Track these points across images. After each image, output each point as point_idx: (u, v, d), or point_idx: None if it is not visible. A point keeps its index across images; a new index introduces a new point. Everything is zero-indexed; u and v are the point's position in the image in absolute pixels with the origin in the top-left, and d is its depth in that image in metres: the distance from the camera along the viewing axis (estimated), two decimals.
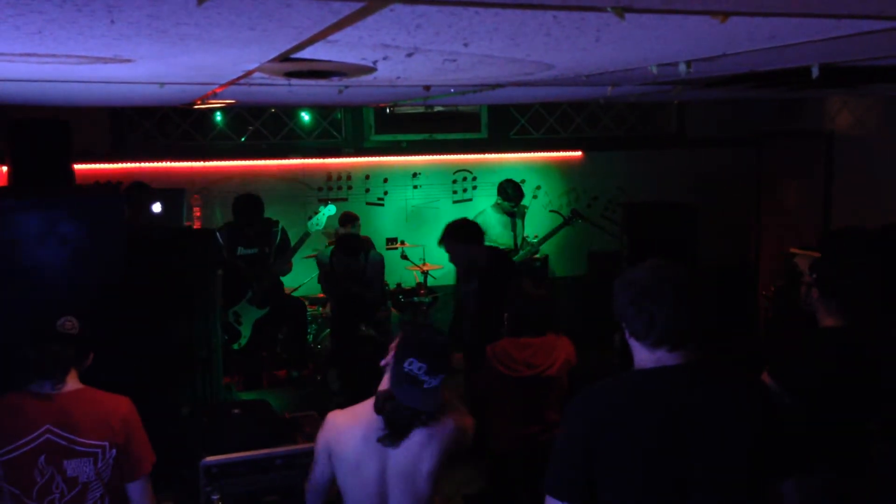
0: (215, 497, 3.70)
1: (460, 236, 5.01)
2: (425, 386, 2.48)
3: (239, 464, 3.85)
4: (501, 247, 6.79)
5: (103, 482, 2.75)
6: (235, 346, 6.03)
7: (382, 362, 2.63)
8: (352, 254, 5.83)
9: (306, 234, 6.27)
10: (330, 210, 6.40)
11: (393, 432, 2.52)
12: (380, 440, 2.51)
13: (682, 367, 2.06)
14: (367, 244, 6.50)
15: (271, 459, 3.91)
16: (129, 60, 2.07)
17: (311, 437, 4.15)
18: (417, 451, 2.57)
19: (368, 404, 2.62)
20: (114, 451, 2.75)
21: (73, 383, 2.78)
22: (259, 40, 1.82)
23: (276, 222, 6.24)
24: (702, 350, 2.10)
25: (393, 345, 2.60)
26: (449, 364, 2.55)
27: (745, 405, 2.09)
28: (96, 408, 2.75)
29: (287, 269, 6.27)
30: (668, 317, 2.03)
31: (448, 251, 5.08)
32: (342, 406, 5.39)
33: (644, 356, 2.10)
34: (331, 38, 1.79)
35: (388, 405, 2.51)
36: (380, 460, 2.57)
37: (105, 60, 2.06)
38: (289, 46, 1.92)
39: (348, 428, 2.61)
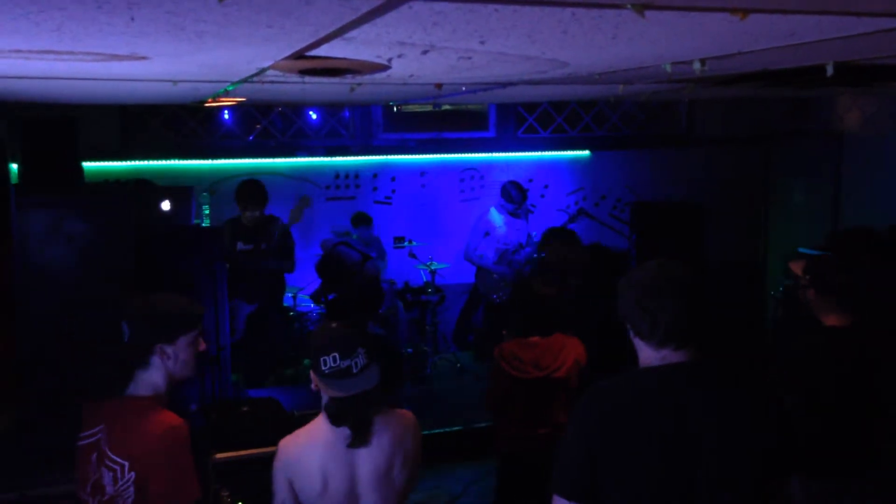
0: (225, 494, 3.70)
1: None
2: (354, 370, 2.48)
3: (248, 461, 3.86)
4: (506, 247, 6.79)
5: (125, 502, 2.53)
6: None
7: (313, 387, 2.59)
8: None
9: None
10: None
11: (359, 433, 2.52)
12: (350, 445, 2.50)
13: (686, 365, 2.06)
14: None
15: None
16: (144, 58, 2.06)
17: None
18: (390, 448, 2.57)
19: (319, 421, 2.59)
20: (132, 474, 2.49)
21: (141, 389, 2.54)
22: (276, 38, 1.82)
23: (278, 219, 6.27)
24: (706, 349, 2.10)
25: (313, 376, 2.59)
26: (356, 342, 2.52)
27: (751, 403, 2.09)
28: (136, 424, 2.51)
29: (290, 268, 6.30)
30: (672, 316, 2.03)
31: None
32: None
33: (649, 355, 2.10)
34: (347, 35, 1.78)
35: (341, 410, 2.49)
36: (349, 471, 2.54)
37: (121, 58, 2.06)
38: (305, 44, 1.92)
39: (307, 450, 2.54)
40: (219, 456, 3.81)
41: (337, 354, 2.46)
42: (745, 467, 2.02)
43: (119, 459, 2.51)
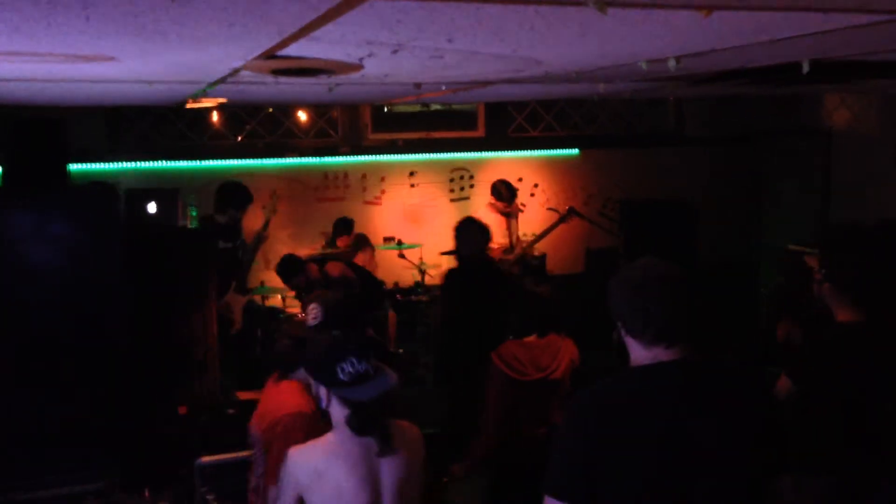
0: (211, 497, 3.69)
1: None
2: (372, 373, 2.43)
3: (235, 463, 3.84)
4: (496, 246, 6.77)
5: (258, 469, 2.83)
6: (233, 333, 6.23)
7: (323, 405, 2.50)
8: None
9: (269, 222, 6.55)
10: None
11: (386, 440, 2.46)
12: (379, 454, 2.44)
13: (678, 363, 2.05)
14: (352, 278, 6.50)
15: None
16: (111, 59, 2.06)
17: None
18: (407, 460, 2.54)
19: (334, 436, 2.51)
20: (260, 445, 2.78)
21: (300, 374, 2.79)
22: (241, 37, 1.82)
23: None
24: (698, 346, 2.10)
25: (319, 391, 2.50)
26: (362, 344, 2.49)
27: (744, 400, 2.09)
28: (271, 402, 2.80)
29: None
30: (664, 314, 2.02)
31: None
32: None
33: (640, 354, 2.09)
34: (313, 35, 1.78)
35: (368, 418, 2.43)
36: (371, 486, 2.47)
37: (87, 59, 2.05)
38: (272, 44, 1.91)
39: (324, 466, 2.44)
40: (205, 459, 3.79)
41: (354, 359, 2.39)
42: (740, 465, 2.01)
43: (254, 431, 2.82)
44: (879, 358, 3.00)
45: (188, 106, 4.67)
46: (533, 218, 7.73)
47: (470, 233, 5.26)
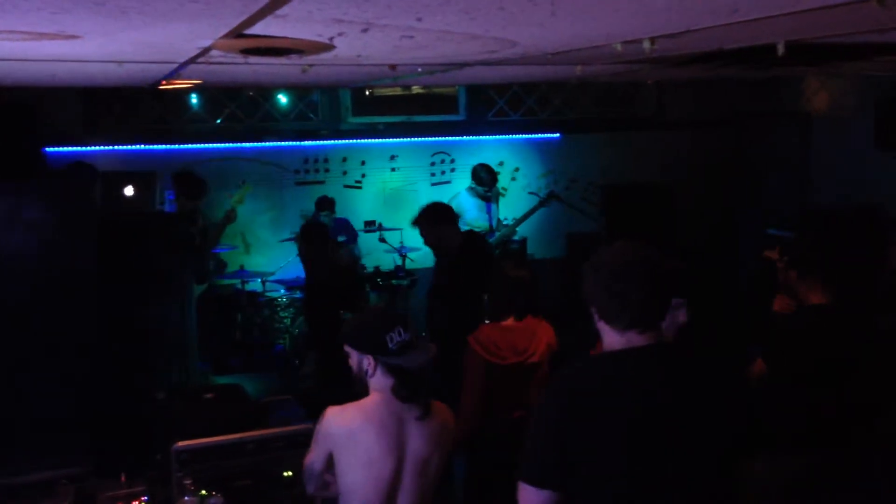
0: (187, 482, 3.67)
1: (431, 218, 5.00)
2: (415, 342, 2.56)
3: (211, 449, 3.82)
4: (477, 230, 6.76)
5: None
6: None
7: (369, 375, 2.58)
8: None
9: (232, 211, 6.37)
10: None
11: (427, 406, 2.58)
12: (419, 418, 2.56)
13: (652, 347, 2.06)
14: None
15: (244, 444, 3.88)
16: (75, 36, 2.01)
17: (285, 422, 4.14)
18: (434, 437, 2.62)
19: (373, 402, 2.59)
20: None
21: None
22: (206, 14, 1.78)
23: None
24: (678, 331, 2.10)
25: (363, 362, 2.58)
26: (404, 315, 2.66)
27: (718, 384, 2.10)
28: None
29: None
30: (639, 299, 2.02)
31: (422, 234, 5.06)
32: (311, 390, 5.30)
33: (614, 339, 2.09)
34: (279, 12, 1.75)
35: (415, 385, 2.54)
36: (397, 454, 2.55)
37: (51, 37, 2.01)
38: (238, 21, 1.88)
39: (359, 429, 2.53)
40: (181, 444, 3.77)
41: (401, 328, 2.52)
42: (713, 449, 2.02)
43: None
44: (850, 339, 3.04)
45: (162, 87, 4.60)
46: (514, 202, 7.72)
47: (443, 214, 5.21)
